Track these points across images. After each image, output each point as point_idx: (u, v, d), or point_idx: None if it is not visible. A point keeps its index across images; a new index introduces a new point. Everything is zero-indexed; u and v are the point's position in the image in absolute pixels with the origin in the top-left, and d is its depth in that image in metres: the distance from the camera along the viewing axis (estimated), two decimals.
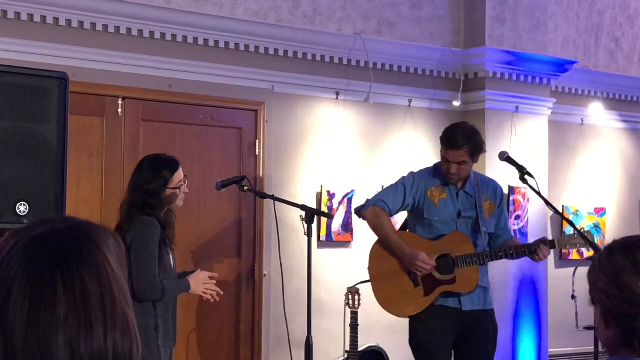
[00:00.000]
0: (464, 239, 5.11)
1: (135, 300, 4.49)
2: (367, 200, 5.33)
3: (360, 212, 5.31)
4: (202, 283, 4.74)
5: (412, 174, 5.30)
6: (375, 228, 5.25)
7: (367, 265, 5.27)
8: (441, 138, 5.20)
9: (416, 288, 5.10)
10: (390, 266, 5.16)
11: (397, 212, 5.28)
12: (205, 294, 4.77)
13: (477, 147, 5.10)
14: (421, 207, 5.18)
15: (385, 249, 5.18)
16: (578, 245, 5.16)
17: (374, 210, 5.18)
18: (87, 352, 1.22)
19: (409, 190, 5.19)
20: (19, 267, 1.24)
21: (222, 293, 4.83)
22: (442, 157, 5.16)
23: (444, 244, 5.11)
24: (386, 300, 5.20)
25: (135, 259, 4.48)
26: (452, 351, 5.20)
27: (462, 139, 5.06)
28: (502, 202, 5.32)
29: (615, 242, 2.13)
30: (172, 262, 4.68)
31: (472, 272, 5.07)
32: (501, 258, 5.17)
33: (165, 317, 4.64)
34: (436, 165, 5.29)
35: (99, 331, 1.23)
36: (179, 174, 4.71)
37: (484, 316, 5.17)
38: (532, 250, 5.04)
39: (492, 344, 5.22)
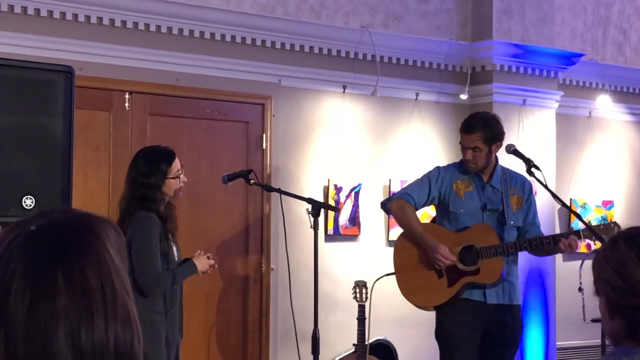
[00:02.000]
0: (489, 230, 5.08)
1: (141, 296, 4.50)
2: (393, 194, 5.34)
3: (385, 205, 5.33)
4: (206, 261, 4.77)
5: (437, 168, 5.32)
6: (400, 220, 5.27)
7: (392, 257, 5.27)
8: (460, 124, 5.25)
9: (440, 279, 5.10)
10: (415, 257, 5.16)
11: (423, 205, 5.29)
12: (207, 271, 4.81)
13: (491, 134, 5.10)
14: (447, 200, 5.19)
15: (410, 241, 5.18)
16: (604, 236, 5.11)
17: (399, 203, 5.19)
18: (88, 343, 1.22)
19: (434, 184, 5.20)
20: (19, 260, 1.24)
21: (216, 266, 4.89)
22: (460, 144, 5.20)
23: (469, 235, 5.10)
24: (410, 291, 5.21)
25: (136, 254, 4.49)
26: (479, 347, 5.12)
27: (476, 124, 5.11)
28: (530, 196, 5.28)
29: (619, 233, 2.13)
30: (176, 255, 4.70)
31: (496, 263, 5.03)
32: (525, 249, 5.12)
33: (172, 311, 4.64)
34: (462, 160, 5.29)
35: (99, 322, 1.23)
36: (176, 164, 4.72)
37: (509, 312, 5.12)
38: (557, 240, 5.01)
39: (515, 340, 5.19)
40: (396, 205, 5.21)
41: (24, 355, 1.20)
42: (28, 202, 3.43)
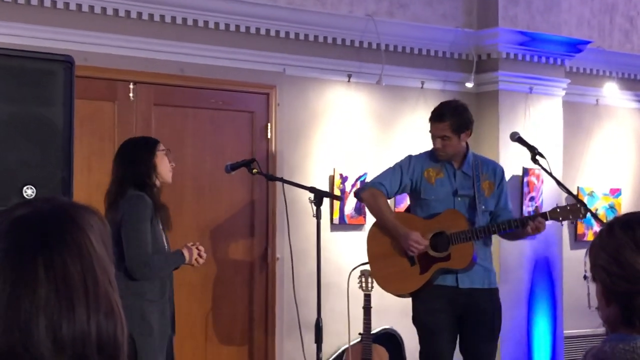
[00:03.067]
0: (458, 215, 5.13)
1: (128, 279, 4.46)
2: (365, 183, 5.38)
3: (359, 194, 5.37)
4: (196, 253, 4.73)
5: (409, 156, 5.37)
6: (372, 209, 5.33)
7: (366, 246, 5.29)
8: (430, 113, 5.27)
9: (412, 267, 5.15)
10: (387, 246, 5.22)
11: (395, 193, 5.36)
12: (198, 262, 4.76)
13: (460, 123, 5.14)
14: (418, 187, 5.24)
15: (382, 230, 5.25)
16: (571, 217, 5.12)
17: (372, 192, 5.24)
18: (69, 335, 1.22)
19: (405, 172, 5.25)
20: (1, 249, 1.24)
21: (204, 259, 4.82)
22: (430, 132, 5.22)
23: (439, 221, 5.14)
24: (384, 280, 5.29)
25: (125, 234, 4.46)
26: (457, 332, 5.19)
27: (445, 112, 5.15)
28: (502, 181, 5.34)
29: (615, 219, 2.11)
30: (165, 244, 4.67)
31: (466, 248, 5.09)
32: (494, 232, 5.17)
33: (162, 302, 4.58)
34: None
35: (81, 313, 1.23)
36: (161, 145, 4.73)
37: (484, 295, 5.18)
38: (525, 223, 5.03)
39: (494, 323, 5.22)
40: (368, 194, 5.25)
41: (4, 345, 1.20)
42: (29, 192, 3.44)
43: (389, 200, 5.39)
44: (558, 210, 5.10)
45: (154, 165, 4.64)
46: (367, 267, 5.86)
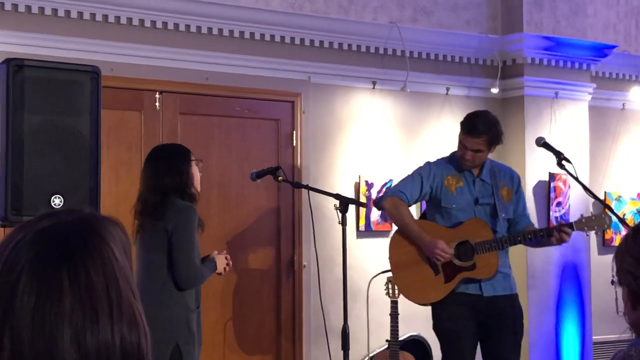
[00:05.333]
0: (482, 224, 5.11)
1: (175, 289, 4.49)
2: (385, 192, 5.36)
3: (379, 202, 5.34)
4: (224, 261, 4.77)
5: (428, 163, 5.34)
6: (394, 218, 5.30)
7: (388, 255, 5.28)
8: (461, 123, 5.20)
9: (437, 275, 5.12)
10: (410, 255, 5.18)
11: (415, 201, 5.31)
12: (225, 270, 4.80)
13: (495, 137, 5.10)
14: (439, 195, 5.20)
15: (405, 238, 5.21)
16: (596, 228, 5.10)
17: (393, 201, 5.20)
18: (94, 344, 1.23)
19: (426, 179, 5.21)
20: (25, 261, 1.25)
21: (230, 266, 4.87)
22: (460, 142, 5.17)
23: (463, 230, 5.12)
24: (407, 289, 5.26)
25: (178, 246, 4.45)
26: (479, 340, 5.17)
27: (481, 127, 5.07)
28: (519, 188, 5.32)
29: None
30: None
31: (491, 257, 5.07)
32: (520, 242, 5.16)
33: (198, 311, 4.62)
34: (452, 154, 5.29)
35: (104, 323, 1.24)
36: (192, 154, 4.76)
37: (505, 302, 5.15)
38: (550, 233, 5.02)
39: (516, 328, 5.19)
40: (390, 202, 5.20)
41: (29, 355, 1.22)
42: (57, 201, 3.47)
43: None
44: (583, 220, 5.08)
45: (191, 175, 4.66)
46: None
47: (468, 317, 5.10)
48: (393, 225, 6.76)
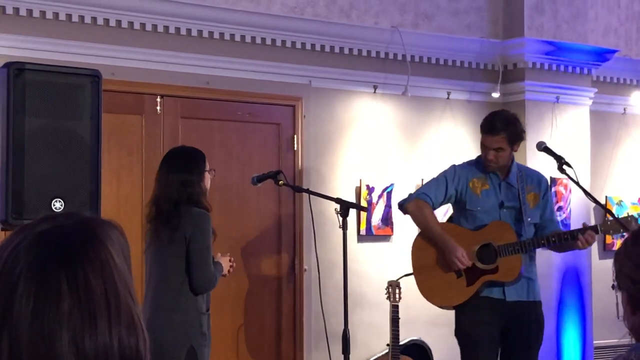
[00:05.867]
0: (506, 227, 5.07)
1: (190, 294, 4.55)
2: (410, 194, 5.33)
3: (403, 205, 5.30)
4: (227, 263, 4.85)
5: (453, 166, 5.30)
6: (418, 220, 5.25)
7: (410, 257, 5.26)
8: (480, 125, 5.20)
9: (459, 278, 5.08)
10: (433, 257, 5.15)
11: (440, 204, 5.27)
12: (229, 272, 4.89)
13: (515, 134, 5.06)
14: (464, 198, 5.17)
15: (428, 241, 5.18)
16: (622, 230, 5.07)
17: (417, 203, 5.17)
18: (92, 348, 1.24)
19: (451, 182, 5.18)
20: (24, 264, 1.26)
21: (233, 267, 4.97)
22: (481, 143, 5.16)
23: (486, 233, 5.08)
24: (429, 292, 5.21)
25: (196, 252, 4.53)
26: (499, 345, 5.12)
27: (499, 125, 5.05)
28: (546, 193, 5.27)
29: None
30: None
31: (514, 260, 5.02)
32: (543, 245, 5.10)
33: (208, 314, 4.69)
34: (478, 157, 5.27)
35: (103, 326, 1.25)
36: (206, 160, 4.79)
37: (528, 309, 5.10)
38: (575, 236, 4.98)
39: (537, 338, 5.15)
40: (414, 205, 5.18)
41: (28, 358, 1.22)
42: (57, 205, 3.47)
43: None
44: (609, 222, 5.04)
45: (205, 190, 4.71)
46: (395, 278, 5.86)
47: (490, 323, 5.05)
48: (394, 229, 6.78)
